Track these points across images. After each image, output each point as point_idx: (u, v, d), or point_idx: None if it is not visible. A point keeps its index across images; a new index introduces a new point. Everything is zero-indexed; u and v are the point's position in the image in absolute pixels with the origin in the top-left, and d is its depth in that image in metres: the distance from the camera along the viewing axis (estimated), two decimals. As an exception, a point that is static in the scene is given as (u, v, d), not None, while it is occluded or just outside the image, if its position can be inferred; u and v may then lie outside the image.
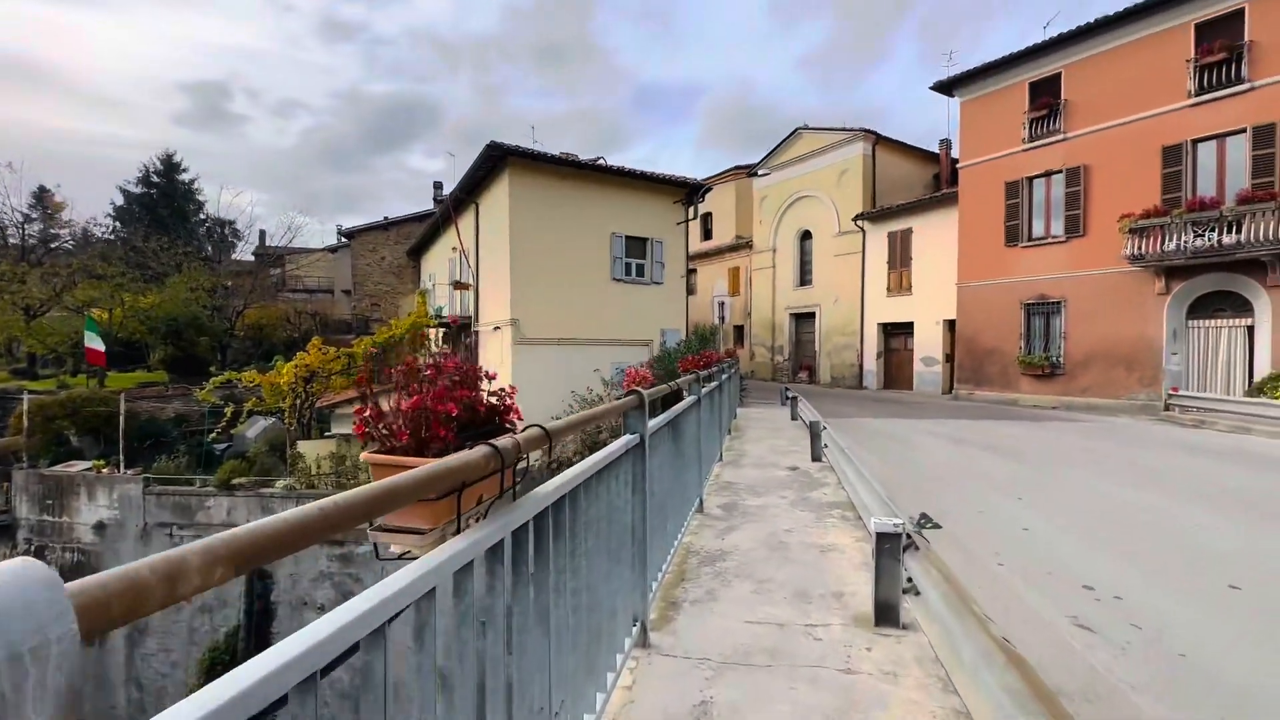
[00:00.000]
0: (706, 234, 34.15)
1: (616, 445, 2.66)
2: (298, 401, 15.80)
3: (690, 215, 18.80)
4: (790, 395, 14.06)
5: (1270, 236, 12.68)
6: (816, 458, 8.20)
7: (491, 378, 1.81)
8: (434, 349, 21.51)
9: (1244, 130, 13.72)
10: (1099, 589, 4.14)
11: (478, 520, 1.42)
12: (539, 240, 16.35)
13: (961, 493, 7.00)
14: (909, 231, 22.23)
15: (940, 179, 25.07)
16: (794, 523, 5.26)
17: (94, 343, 17.78)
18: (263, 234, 43.82)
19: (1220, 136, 14.12)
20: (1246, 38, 13.66)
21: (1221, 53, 13.89)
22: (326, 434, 17.03)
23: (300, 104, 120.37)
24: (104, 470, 13.55)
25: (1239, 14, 13.78)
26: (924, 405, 17.29)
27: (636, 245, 18.33)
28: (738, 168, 31.79)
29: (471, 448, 1.30)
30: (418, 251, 29.19)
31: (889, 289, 23.05)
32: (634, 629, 2.96)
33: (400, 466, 1.37)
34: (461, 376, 1.65)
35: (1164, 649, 3.37)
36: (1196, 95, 14.38)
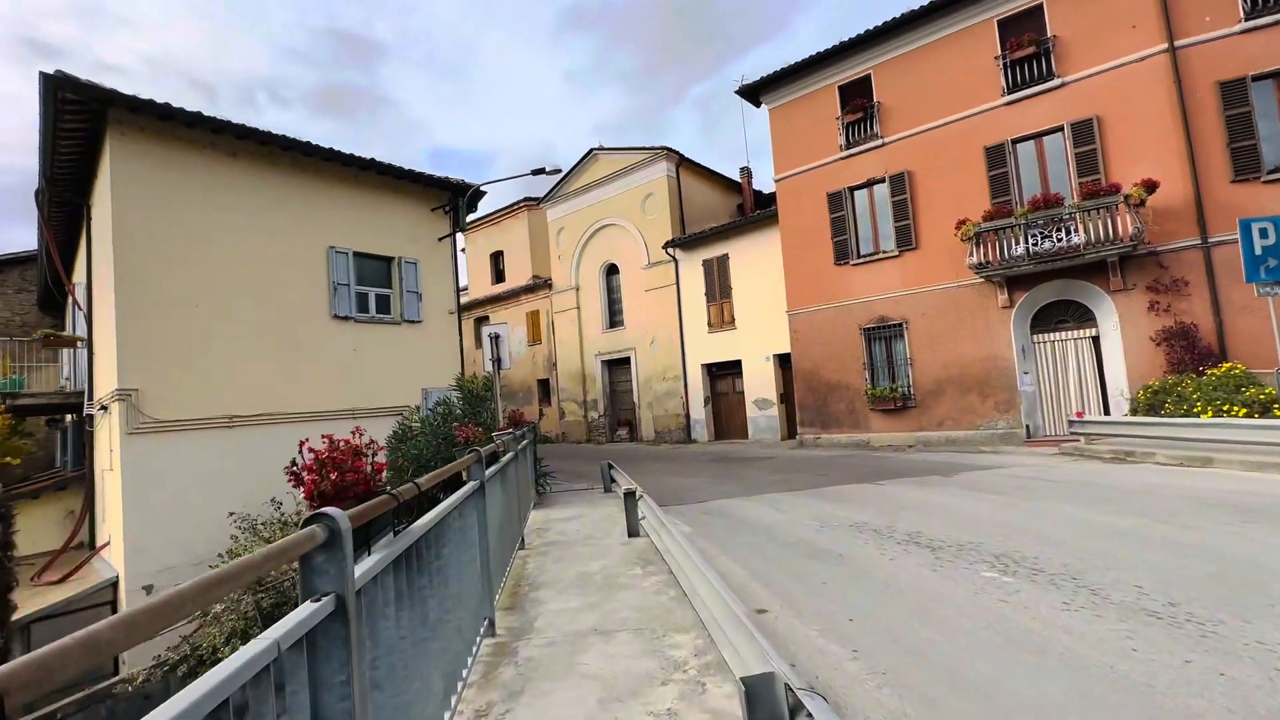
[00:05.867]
0: (499, 275, 29.12)
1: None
2: None
3: (457, 225, 13.50)
4: (612, 473, 9.21)
5: (1114, 234, 11.32)
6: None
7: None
8: (5, 446, 12.88)
9: (1061, 128, 12.67)
10: None
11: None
12: (178, 254, 9.74)
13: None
14: (725, 258, 19.47)
15: (744, 209, 23.24)
16: None
17: None
18: None
19: (1039, 135, 13.00)
20: (1049, 33, 12.80)
21: (1030, 47, 12.90)
22: None
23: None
24: None
25: (1039, 10, 12.95)
26: (766, 460, 13.69)
27: (375, 268, 12.46)
28: (529, 199, 27.52)
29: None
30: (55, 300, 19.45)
31: (710, 324, 19.93)
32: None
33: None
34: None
35: None
36: (1010, 93, 13.25)
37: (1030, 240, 12.21)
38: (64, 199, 11.56)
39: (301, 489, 1.87)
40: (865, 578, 4.70)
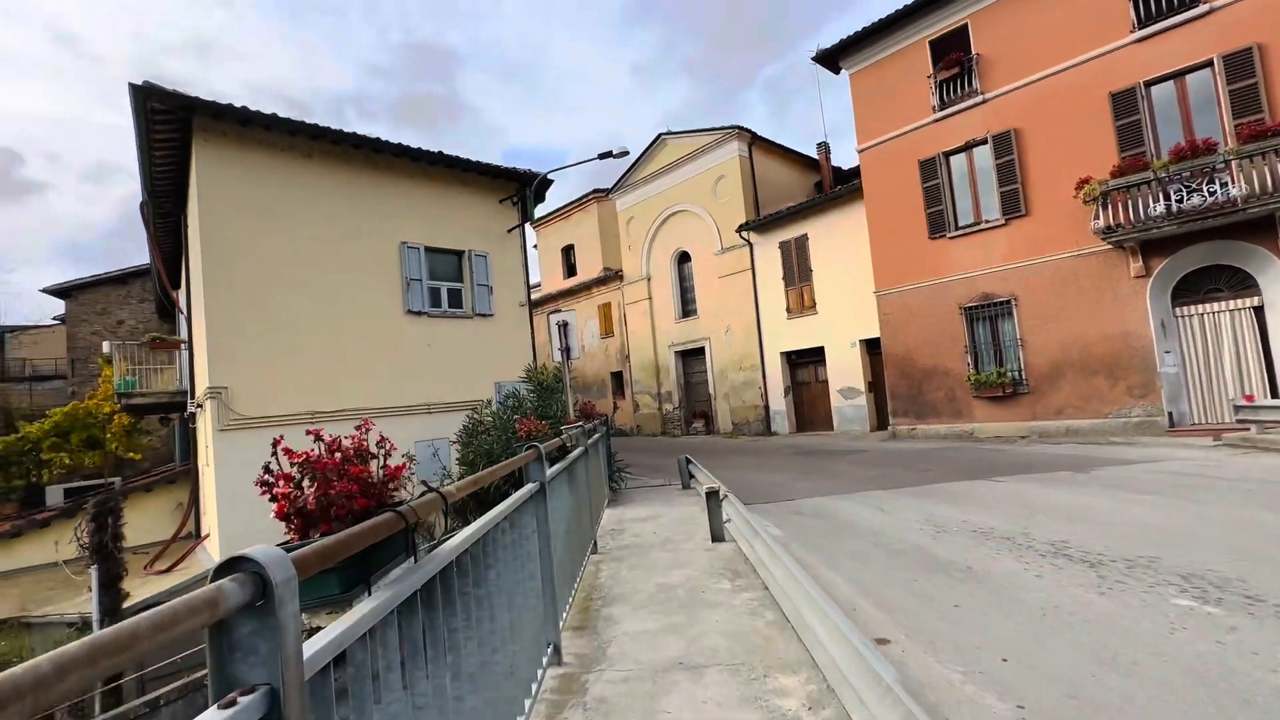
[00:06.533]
0: (570, 269, 29.05)
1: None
2: None
3: (525, 216, 13.26)
4: (691, 469, 8.59)
5: (1286, 183, 9.43)
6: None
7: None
8: (127, 443, 13.88)
9: (1210, 63, 10.76)
10: None
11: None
12: (261, 256, 9.96)
13: None
14: (804, 239, 18.28)
15: (823, 187, 21.81)
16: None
17: None
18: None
19: (1181, 74, 11.12)
20: (1192, -49, 10.88)
21: (1167, -29, 11.03)
22: None
23: (119, 168, 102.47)
24: None
25: (1177, -75, 11.04)
26: (857, 454, 12.59)
27: (446, 263, 12.41)
28: (597, 191, 27.21)
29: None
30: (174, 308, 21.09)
31: (789, 310, 18.81)
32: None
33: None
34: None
35: None
36: (1142, 26, 11.41)
37: (1173, 196, 10.44)
38: (165, 210, 12.21)
39: (274, 505, 1.38)
40: (1010, 600, 3.82)
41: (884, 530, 5.78)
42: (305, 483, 1.42)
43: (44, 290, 21.76)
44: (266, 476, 1.42)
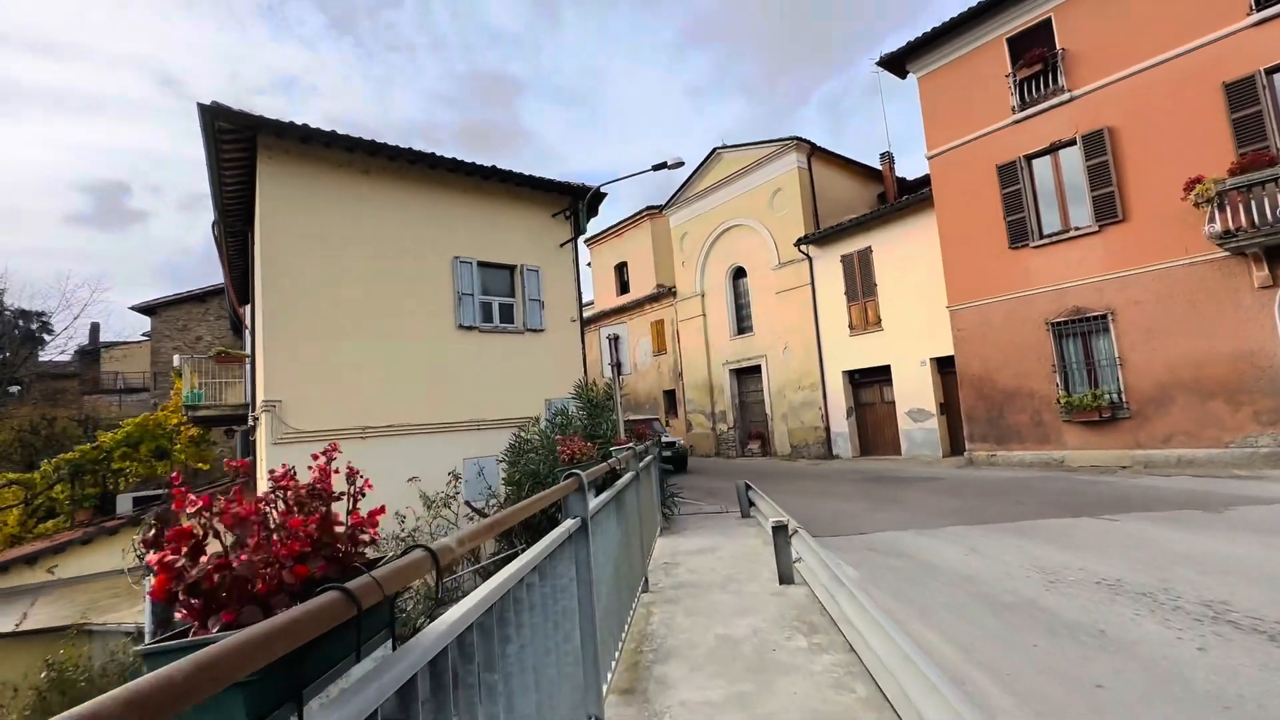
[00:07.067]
0: (623, 286, 28.86)
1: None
2: None
3: (577, 230, 13.01)
4: (751, 495, 7.91)
5: None
6: None
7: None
8: (195, 453, 14.27)
9: (1348, 43, 9.45)
10: None
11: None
12: (316, 272, 10.02)
13: None
14: (868, 252, 17.34)
15: (886, 198, 20.78)
16: None
17: None
18: (95, 328, 35.50)
19: (1311, 57, 9.83)
20: (1323, -79, 9.65)
21: (1291, -56, 9.82)
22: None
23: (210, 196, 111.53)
24: None
25: (1303, -106, 9.84)
26: (932, 482, 11.54)
27: (498, 277, 12.27)
28: (651, 208, 27.00)
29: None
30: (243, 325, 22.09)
31: (852, 326, 17.84)
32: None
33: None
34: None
35: None
36: (1261, 8, 10.18)
37: (1309, 195, 9.14)
38: (235, 229, 12.61)
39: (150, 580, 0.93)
40: (1171, 682, 3.03)
41: (981, 576, 4.97)
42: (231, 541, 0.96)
43: (132, 308, 23.21)
44: (149, 537, 0.95)
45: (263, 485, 9.93)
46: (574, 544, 2.32)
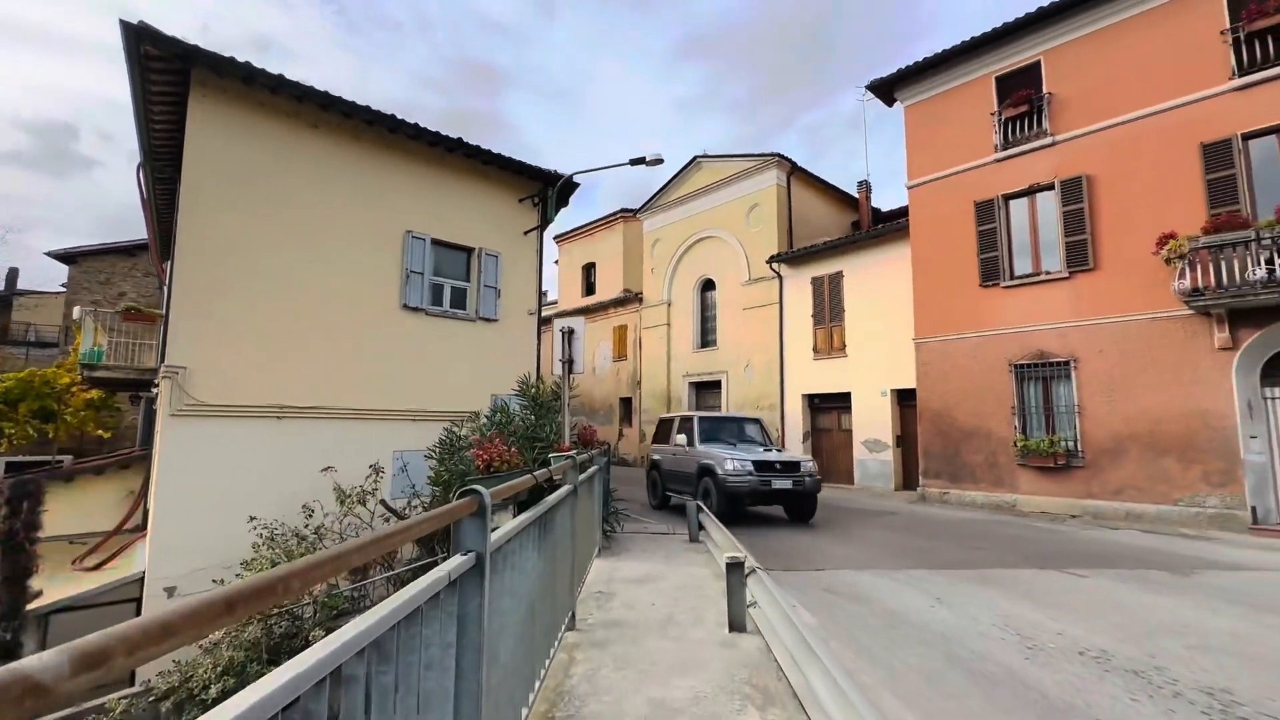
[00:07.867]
0: (589, 288, 28.16)
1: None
2: None
3: (545, 218, 12.25)
4: (701, 518, 7.29)
5: None
6: None
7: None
8: (96, 419, 12.81)
9: (1322, 118, 9.60)
10: None
11: None
12: (245, 226, 8.98)
13: None
14: (839, 276, 17.13)
15: (860, 226, 20.75)
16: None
17: None
18: (13, 273, 32.52)
19: (1287, 127, 9.95)
20: (1308, -4, 9.82)
21: (1277, 15, 9.96)
22: None
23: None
24: None
25: (1290, -32, 10.01)
26: (887, 516, 11.20)
27: (454, 259, 11.39)
28: (625, 210, 26.40)
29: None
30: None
31: (816, 349, 17.57)
32: None
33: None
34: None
35: None
36: (1242, 74, 10.30)
37: (1278, 262, 9.17)
38: (164, 175, 11.31)
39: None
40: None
41: (953, 635, 4.44)
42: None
43: (48, 253, 21.13)
44: None
45: (158, 464, 8.75)
46: (458, 593, 1.60)
